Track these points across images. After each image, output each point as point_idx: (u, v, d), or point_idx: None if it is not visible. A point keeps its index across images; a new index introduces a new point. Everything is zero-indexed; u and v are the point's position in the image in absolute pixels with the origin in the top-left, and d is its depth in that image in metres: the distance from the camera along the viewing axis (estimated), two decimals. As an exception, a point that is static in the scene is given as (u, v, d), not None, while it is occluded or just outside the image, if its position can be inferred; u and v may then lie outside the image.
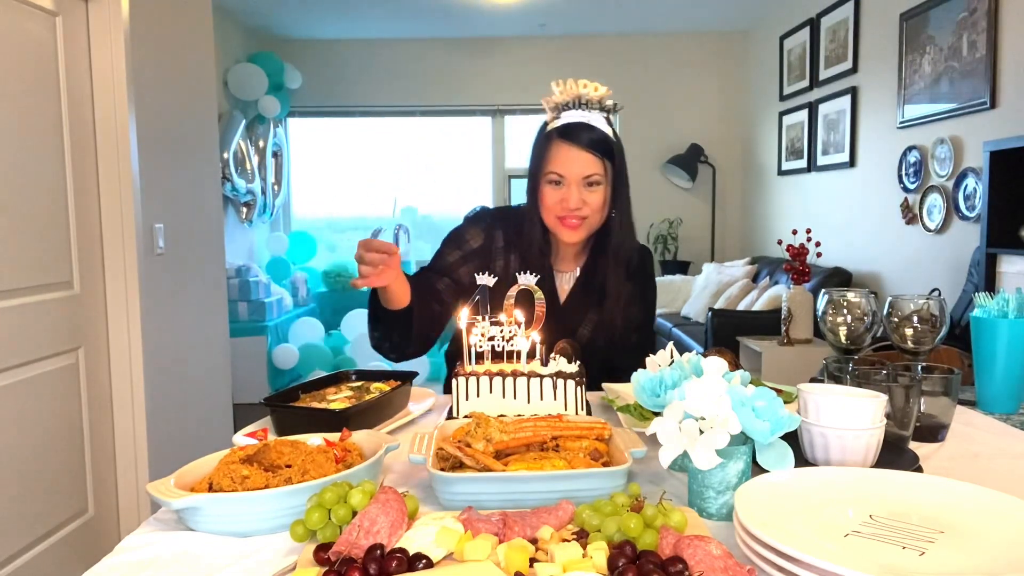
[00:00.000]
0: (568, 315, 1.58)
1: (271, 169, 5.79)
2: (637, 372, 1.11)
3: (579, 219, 1.49)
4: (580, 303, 1.60)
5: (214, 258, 3.27)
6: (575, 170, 1.46)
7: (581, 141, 1.46)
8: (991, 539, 0.72)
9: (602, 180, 1.48)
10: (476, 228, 1.61)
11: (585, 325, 1.59)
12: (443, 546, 0.74)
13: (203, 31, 3.18)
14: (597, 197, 1.48)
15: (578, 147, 1.46)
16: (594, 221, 1.52)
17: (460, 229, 1.64)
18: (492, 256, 1.58)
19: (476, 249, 1.59)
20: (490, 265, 1.56)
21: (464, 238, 1.61)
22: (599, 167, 1.47)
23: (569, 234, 1.51)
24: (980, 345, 1.44)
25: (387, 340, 1.51)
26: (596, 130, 1.48)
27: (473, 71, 6.34)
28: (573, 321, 1.58)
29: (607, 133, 1.49)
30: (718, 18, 5.85)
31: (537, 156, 1.52)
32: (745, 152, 6.30)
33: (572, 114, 1.49)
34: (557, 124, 1.50)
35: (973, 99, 3.28)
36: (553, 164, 1.48)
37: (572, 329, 1.57)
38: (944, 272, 3.54)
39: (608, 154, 1.48)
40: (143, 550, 0.81)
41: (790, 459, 0.86)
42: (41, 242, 2.28)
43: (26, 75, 2.22)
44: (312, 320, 5.49)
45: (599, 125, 1.49)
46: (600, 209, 1.50)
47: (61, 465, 2.37)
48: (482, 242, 1.59)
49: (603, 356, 1.57)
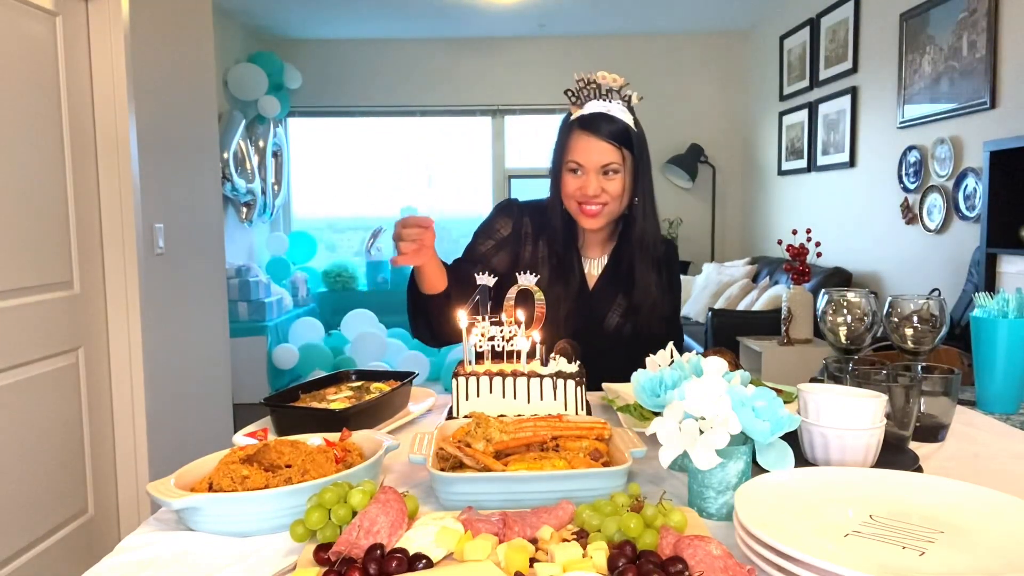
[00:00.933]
0: (597, 301, 1.62)
1: (271, 169, 5.79)
2: (637, 372, 1.11)
3: (599, 206, 1.53)
4: (608, 290, 1.63)
5: (214, 258, 3.27)
6: (593, 159, 1.51)
7: (600, 131, 1.50)
8: (991, 539, 0.72)
9: (620, 168, 1.52)
10: (504, 217, 1.66)
11: (613, 311, 1.62)
12: (443, 546, 0.74)
13: (203, 31, 3.18)
14: (615, 185, 1.52)
15: (597, 137, 1.50)
16: (614, 208, 1.55)
17: (489, 219, 1.68)
18: (522, 243, 1.63)
19: (507, 237, 1.63)
20: (520, 252, 1.61)
21: (494, 227, 1.65)
22: (617, 156, 1.51)
23: (589, 221, 1.55)
24: (980, 345, 1.44)
25: (428, 327, 1.54)
26: (616, 120, 1.51)
27: (473, 71, 6.34)
28: (601, 308, 1.62)
29: (627, 123, 1.53)
30: (718, 18, 5.85)
31: (559, 146, 1.56)
32: (745, 152, 6.30)
33: (593, 105, 1.53)
34: (577, 115, 1.54)
35: (973, 99, 3.28)
36: (572, 153, 1.53)
37: (601, 316, 1.61)
38: (944, 272, 3.54)
39: (627, 143, 1.52)
40: (143, 550, 0.81)
41: (790, 459, 0.86)
42: (41, 242, 2.28)
43: (26, 75, 2.22)
44: (312, 320, 5.49)
45: (619, 115, 1.52)
46: (619, 197, 1.54)
47: (61, 465, 2.37)
48: (511, 230, 1.64)
49: (630, 345, 1.59)
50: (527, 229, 1.64)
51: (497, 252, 1.62)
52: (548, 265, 1.60)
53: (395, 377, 1.40)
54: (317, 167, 6.58)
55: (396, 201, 6.45)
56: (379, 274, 6.20)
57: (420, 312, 1.53)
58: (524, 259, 1.60)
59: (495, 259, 1.62)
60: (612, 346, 1.59)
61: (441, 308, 1.49)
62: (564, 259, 1.60)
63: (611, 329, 1.61)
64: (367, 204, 6.51)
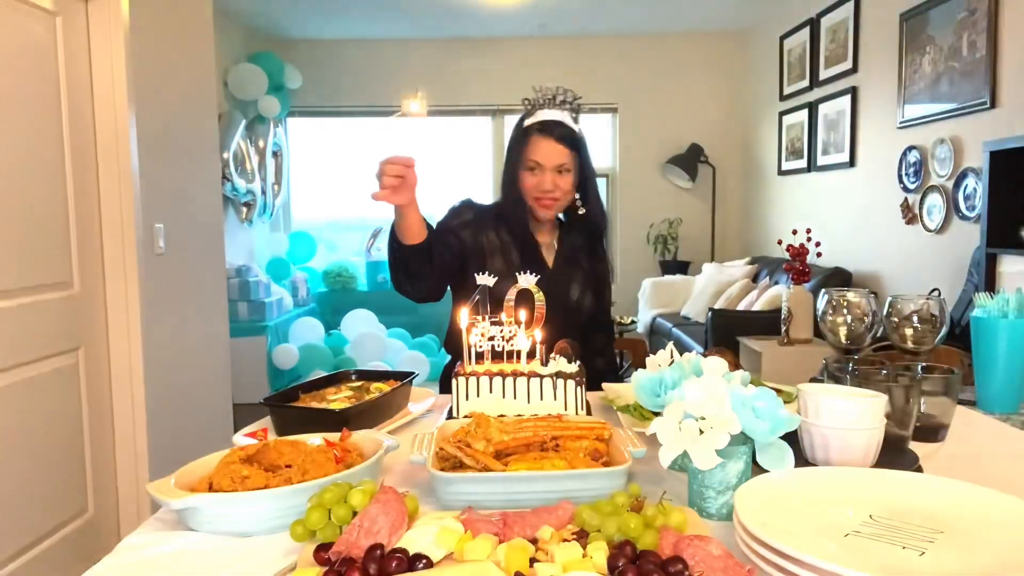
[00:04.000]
0: (559, 278, 1.79)
1: (271, 169, 5.79)
2: (637, 372, 1.11)
3: (552, 200, 1.74)
4: (566, 267, 1.83)
5: (214, 258, 3.27)
6: (550, 159, 1.72)
7: (554, 135, 1.72)
8: (991, 539, 0.72)
9: (571, 168, 1.74)
10: (467, 208, 1.84)
11: (574, 285, 1.83)
12: (443, 546, 0.74)
13: (203, 31, 3.18)
14: (566, 182, 1.74)
15: (552, 140, 1.72)
16: (564, 202, 1.78)
17: (451, 210, 1.85)
18: (485, 228, 1.79)
19: (469, 221, 1.80)
20: (486, 236, 1.78)
21: (459, 213, 1.83)
22: (567, 157, 1.72)
23: (544, 212, 1.77)
24: (980, 345, 1.44)
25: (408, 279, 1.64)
26: (565, 126, 1.73)
27: (473, 71, 6.34)
28: (564, 283, 1.80)
29: (574, 128, 1.75)
30: (718, 18, 5.85)
31: (517, 148, 1.76)
32: (745, 152, 6.30)
33: (546, 112, 1.74)
34: (534, 121, 1.75)
35: (973, 99, 3.28)
36: (532, 153, 1.73)
37: (565, 290, 1.80)
38: (944, 272, 3.54)
39: (575, 146, 1.74)
40: (143, 550, 0.81)
41: (790, 459, 0.86)
42: (41, 242, 2.28)
43: (26, 75, 2.22)
44: (312, 320, 5.49)
45: (568, 122, 1.74)
46: (569, 192, 1.76)
47: (61, 465, 2.37)
48: (472, 216, 1.81)
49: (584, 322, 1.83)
50: (488, 221, 1.81)
51: (463, 229, 1.78)
52: (515, 249, 1.77)
53: (395, 377, 1.40)
54: (317, 167, 6.57)
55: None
56: (379, 274, 6.20)
57: (400, 264, 1.61)
58: (489, 242, 1.78)
59: (463, 232, 1.77)
60: (578, 320, 1.80)
61: (421, 260, 1.59)
62: (526, 243, 1.79)
63: (574, 302, 1.80)
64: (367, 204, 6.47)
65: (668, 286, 5.79)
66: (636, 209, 6.37)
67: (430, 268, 1.59)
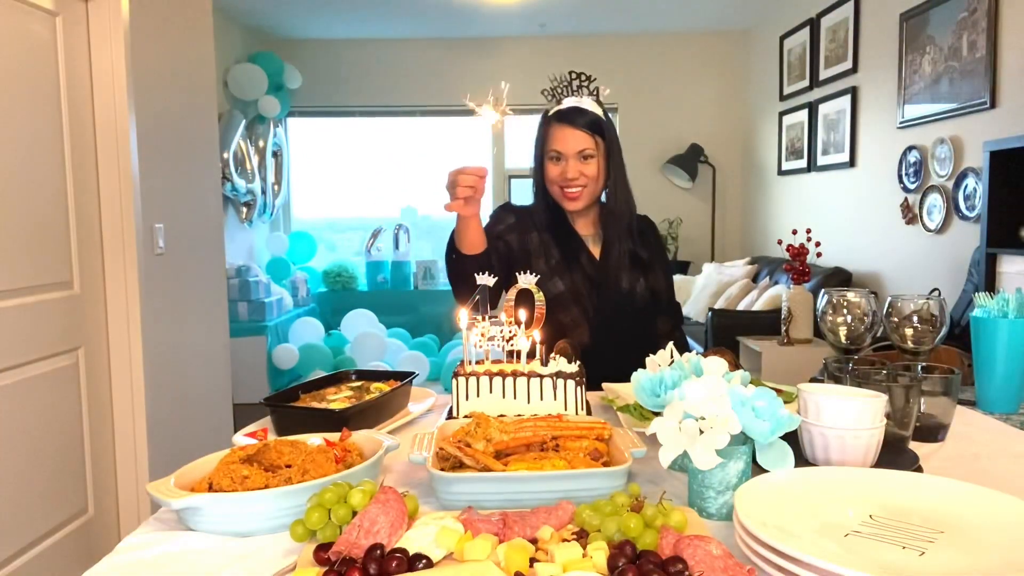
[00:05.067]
0: (607, 268, 1.75)
1: (271, 169, 5.79)
2: (637, 372, 1.11)
3: (579, 188, 1.69)
4: (612, 257, 1.77)
5: (214, 258, 3.27)
6: (571, 146, 1.68)
7: (575, 122, 1.69)
8: (991, 539, 0.72)
9: (595, 153, 1.69)
10: (506, 211, 1.82)
11: (623, 276, 1.76)
12: (443, 546, 0.74)
13: (203, 31, 3.18)
14: (591, 168, 1.69)
15: (572, 127, 1.69)
16: (593, 190, 1.72)
17: (495, 212, 1.83)
18: (528, 230, 1.76)
19: (513, 224, 1.77)
20: (529, 237, 1.75)
21: (501, 217, 1.80)
22: (590, 142, 1.68)
23: (571, 203, 1.72)
24: (980, 345, 1.44)
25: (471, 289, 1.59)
26: (588, 112, 1.70)
27: (473, 71, 6.34)
28: (612, 273, 1.75)
29: (598, 114, 1.71)
30: (718, 18, 5.85)
31: (540, 138, 1.74)
32: (745, 152, 6.30)
33: (567, 100, 1.72)
34: (554, 109, 1.73)
35: (973, 99, 3.28)
36: (553, 143, 1.70)
37: (616, 281, 1.74)
38: (944, 272, 3.54)
39: (599, 132, 1.70)
40: (143, 550, 0.81)
41: (790, 459, 0.86)
42: (41, 242, 2.28)
43: (26, 75, 2.22)
44: (312, 320, 5.49)
45: (590, 108, 1.71)
46: (595, 178, 1.71)
47: (61, 465, 2.37)
48: (514, 220, 1.78)
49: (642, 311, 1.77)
50: (527, 222, 1.78)
51: (508, 233, 1.75)
52: (557, 247, 1.74)
53: (395, 377, 1.40)
54: (317, 167, 6.57)
55: (396, 201, 6.44)
56: (379, 274, 6.20)
57: (462, 276, 1.59)
58: (532, 243, 1.74)
59: (509, 236, 1.74)
60: (630, 308, 1.74)
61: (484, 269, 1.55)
62: (569, 238, 1.75)
63: (627, 290, 1.74)
64: (367, 204, 6.51)
65: (668, 286, 5.78)
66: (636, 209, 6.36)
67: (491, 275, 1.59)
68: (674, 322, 1.85)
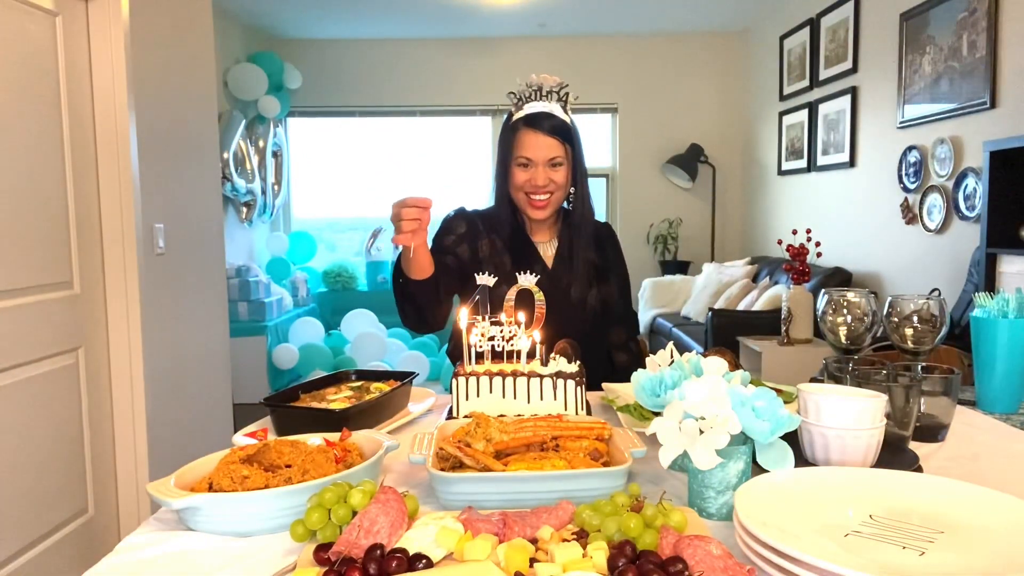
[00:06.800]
0: (558, 279, 1.73)
1: (271, 169, 5.79)
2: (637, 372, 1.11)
3: (546, 195, 1.67)
4: (566, 267, 1.75)
5: (214, 258, 3.27)
6: (541, 153, 1.64)
7: (544, 128, 1.64)
8: (991, 539, 0.72)
9: (563, 161, 1.66)
10: (458, 219, 1.78)
11: (575, 287, 1.73)
12: (443, 546, 0.74)
13: (203, 31, 3.17)
14: (560, 175, 1.67)
15: (542, 133, 1.64)
16: (559, 197, 1.70)
17: (444, 223, 1.80)
18: (478, 238, 1.74)
19: (464, 234, 1.75)
20: (479, 245, 1.73)
21: (451, 228, 1.77)
22: (560, 150, 1.65)
23: (538, 212, 1.69)
24: (980, 345, 1.44)
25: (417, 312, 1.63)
26: (556, 118, 1.65)
27: (473, 71, 6.34)
28: (563, 284, 1.73)
29: (565, 120, 1.67)
30: (718, 18, 5.85)
31: (506, 144, 1.69)
32: (745, 152, 6.30)
33: (534, 105, 1.67)
34: (522, 114, 1.67)
35: (973, 99, 3.28)
36: (521, 149, 1.65)
37: (566, 289, 1.72)
38: (944, 272, 3.54)
39: (567, 138, 1.66)
40: (143, 550, 0.81)
41: (790, 459, 0.86)
42: (41, 242, 2.28)
43: (26, 75, 2.22)
44: (312, 320, 5.49)
45: (558, 113, 1.66)
46: (564, 186, 1.69)
47: (61, 465, 2.37)
48: (466, 229, 1.76)
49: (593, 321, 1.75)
50: (480, 228, 1.75)
51: (459, 244, 1.73)
52: (508, 254, 1.71)
53: (395, 377, 1.40)
54: (317, 167, 6.57)
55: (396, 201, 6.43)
56: (379, 274, 6.20)
57: (408, 298, 1.60)
58: (483, 251, 1.72)
59: (459, 249, 1.72)
60: (581, 320, 1.72)
61: (429, 294, 1.57)
62: (522, 245, 1.73)
63: (577, 300, 1.72)
64: (367, 204, 6.51)
65: (668, 286, 5.79)
66: (636, 209, 6.37)
67: (437, 298, 1.59)
68: (629, 332, 1.83)
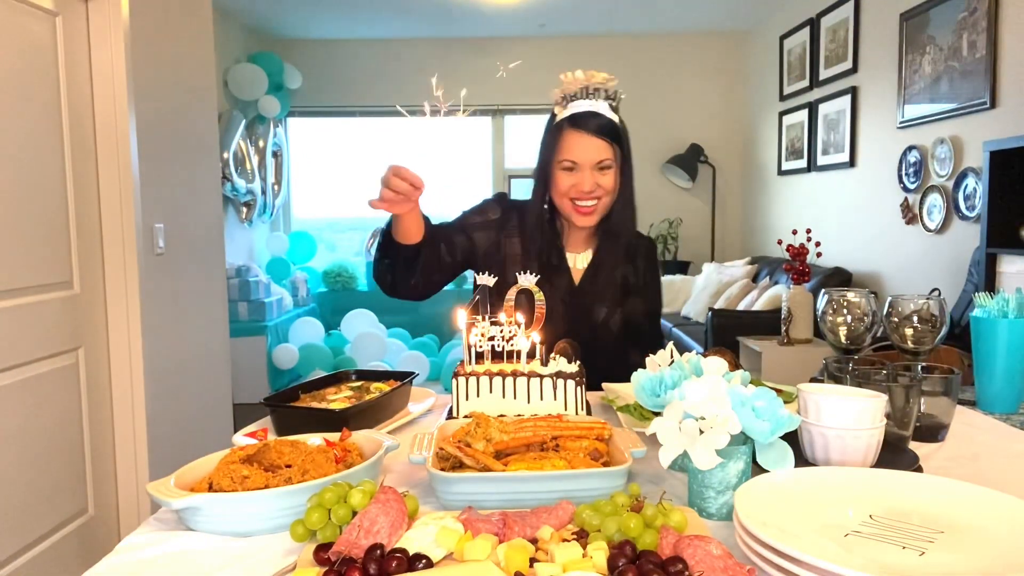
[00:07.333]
0: (584, 296, 1.63)
1: (271, 169, 5.79)
2: (637, 372, 1.11)
3: (593, 201, 1.55)
4: (594, 283, 1.64)
5: (214, 258, 3.27)
6: (588, 156, 1.53)
7: (591, 128, 1.53)
8: (991, 539, 0.72)
9: (612, 164, 1.55)
10: (495, 205, 1.69)
11: (599, 306, 1.63)
12: (443, 546, 0.74)
13: (203, 31, 3.17)
14: (609, 180, 1.55)
15: (589, 134, 1.53)
16: (607, 203, 1.58)
17: (481, 203, 1.71)
18: (507, 233, 1.65)
19: (493, 221, 1.66)
20: (503, 240, 1.64)
21: (484, 209, 1.68)
22: (609, 152, 1.54)
23: (584, 219, 1.57)
24: (980, 345, 1.44)
25: (389, 271, 1.57)
26: (603, 117, 1.54)
27: (473, 71, 6.33)
28: (587, 302, 1.62)
29: (614, 120, 1.56)
30: (718, 18, 5.85)
31: (549, 145, 1.58)
32: (745, 152, 6.30)
33: (580, 104, 1.56)
34: (567, 114, 1.56)
35: (973, 99, 3.28)
36: (566, 151, 1.54)
37: (588, 309, 1.62)
38: (944, 272, 3.54)
39: (616, 139, 1.55)
40: (143, 550, 0.81)
41: (790, 459, 0.86)
42: (41, 242, 2.28)
43: (26, 75, 2.22)
44: (312, 320, 5.49)
45: (606, 112, 1.55)
46: (612, 191, 1.57)
47: (61, 465, 2.37)
48: (499, 216, 1.66)
49: (616, 342, 1.64)
50: (513, 222, 1.66)
51: (483, 229, 1.65)
52: (535, 261, 1.60)
53: (395, 377, 1.40)
54: (317, 167, 6.57)
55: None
56: (379, 274, 6.19)
57: (386, 254, 1.55)
58: (506, 251, 1.63)
59: (478, 232, 1.64)
60: (603, 340, 1.62)
61: (408, 259, 1.52)
62: (550, 255, 1.62)
63: (599, 321, 1.62)
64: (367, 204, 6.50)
65: (668, 286, 5.79)
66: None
67: (412, 269, 1.53)
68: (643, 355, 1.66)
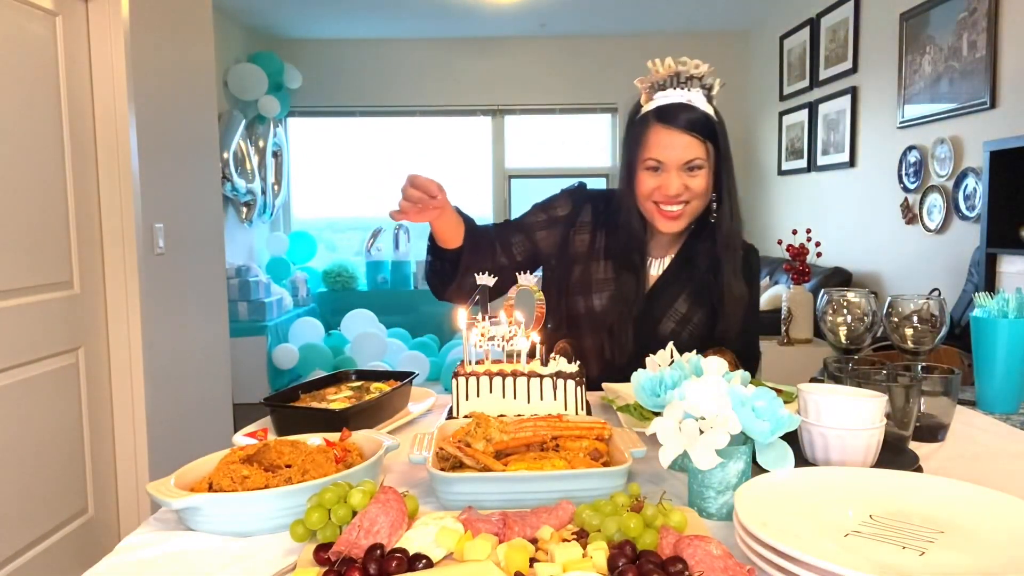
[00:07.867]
0: (653, 305, 1.49)
1: (271, 169, 5.79)
2: (637, 372, 1.10)
3: (680, 206, 1.39)
4: (668, 293, 1.49)
5: (214, 258, 3.27)
6: (675, 155, 1.36)
7: (680, 123, 1.36)
8: (991, 539, 0.72)
9: (704, 164, 1.38)
10: (565, 199, 1.56)
11: (669, 318, 1.48)
12: (443, 546, 0.74)
13: (203, 31, 3.18)
14: (700, 182, 1.38)
15: (677, 129, 1.36)
16: (696, 207, 1.41)
17: (551, 197, 1.59)
18: (576, 229, 1.53)
19: (560, 217, 1.53)
20: (572, 238, 1.52)
21: (552, 204, 1.56)
22: (701, 150, 1.36)
23: (669, 224, 1.41)
24: (980, 345, 1.44)
25: (437, 275, 1.50)
26: (696, 110, 1.37)
27: (473, 71, 6.34)
28: (657, 312, 1.49)
29: (708, 112, 1.39)
30: (718, 18, 5.84)
31: (632, 141, 1.42)
32: (745, 152, 6.29)
33: (669, 94, 1.38)
34: (652, 105, 1.40)
35: (973, 99, 3.28)
36: (650, 149, 1.38)
37: (656, 321, 1.48)
38: (944, 272, 3.54)
39: (711, 135, 1.38)
40: (143, 550, 0.81)
41: (790, 459, 0.86)
42: (41, 242, 2.28)
43: (26, 75, 2.22)
44: (312, 320, 5.49)
45: (699, 104, 1.38)
46: (703, 195, 1.40)
47: (61, 465, 2.37)
48: (568, 212, 1.54)
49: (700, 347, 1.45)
50: (585, 217, 1.52)
51: (546, 227, 1.53)
52: (610, 261, 1.48)
53: (395, 377, 1.40)
54: (317, 167, 6.57)
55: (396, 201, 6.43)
56: (379, 274, 6.20)
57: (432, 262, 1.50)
58: (575, 246, 1.50)
59: (540, 232, 1.53)
60: None
61: (452, 263, 1.46)
62: (628, 258, 1.48)
63: (665, 336, 1.45)
64: (367, 204, 6.51)
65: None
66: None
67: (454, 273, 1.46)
68: None
